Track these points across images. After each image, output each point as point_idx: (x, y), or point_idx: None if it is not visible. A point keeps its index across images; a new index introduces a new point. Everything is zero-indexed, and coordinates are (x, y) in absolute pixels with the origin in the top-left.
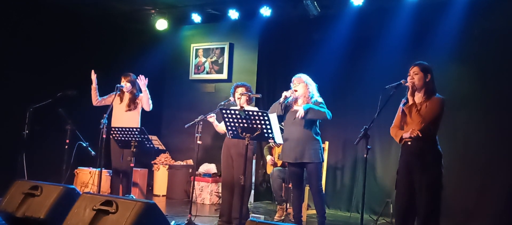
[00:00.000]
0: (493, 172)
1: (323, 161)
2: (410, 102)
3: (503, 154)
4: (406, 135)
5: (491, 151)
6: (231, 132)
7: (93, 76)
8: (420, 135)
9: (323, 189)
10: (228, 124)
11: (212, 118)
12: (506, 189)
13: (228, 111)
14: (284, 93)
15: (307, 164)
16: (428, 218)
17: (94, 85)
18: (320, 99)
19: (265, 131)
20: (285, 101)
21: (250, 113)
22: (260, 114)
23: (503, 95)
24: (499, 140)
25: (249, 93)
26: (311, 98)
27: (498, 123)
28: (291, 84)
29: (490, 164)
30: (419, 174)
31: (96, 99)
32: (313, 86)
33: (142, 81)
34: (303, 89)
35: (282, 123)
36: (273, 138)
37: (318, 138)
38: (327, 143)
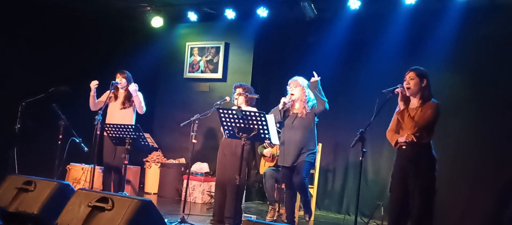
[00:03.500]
0: (482, 176)
1: (314, 161)
2: (401, 108)
3: (492, 159)
4: (401, 140)
5: (481, 156)
6: (227, 131)
7: (93, 85)
8: (415, 140)
9: (307, 184)
10: (224, 123)
11: None
12: (495, 193)
13: (225, 111)
14: (283, 100)
15: (299, 163)
16: (421, 222)
17: (92, 93)
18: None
19: (261, 131)
20: (284, 107)
21: (247, 113)
22: (257, 114)
23: (494, 102)
24: (489, 145)
25: (246, 93)
26: (308, 101)
27: (489, 129)
28: (287, 87)
29: (480, 169)
30: (413, 178)
31: (93, 104)
32: (309, 89)
33: (133, 87)
34: (300, 93)
35: (277, 125)
36: (269, 138)
37: (315, 140)
38: (320, 145)
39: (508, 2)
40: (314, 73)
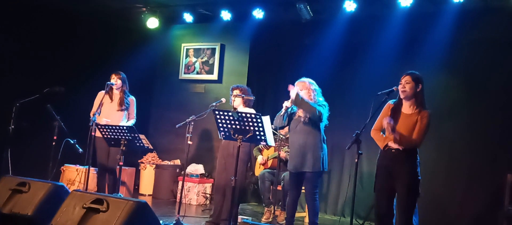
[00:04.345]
0: (477, 176)
1: (323, 170)
2: (397, 138)
3: (486, 160)
4: (393, 145)
5: (475, 157)
6: (223, 133)
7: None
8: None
9: (318, 205)
10: (220, 125)
11: None
12: (488, 194)
13: (220, 113)
14: (285, 104)
15: (305, 173)
16: (407, 223)
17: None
18: (324, 103)
19: (257, 133)
20: (287, 111)
21: (243, 114)
22: (253, 115)
23: (487, 105)
24: (483, 146)
25: (243, 95)
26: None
27: (483, 131)
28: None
29: (474, 169)
30: (399, 181)
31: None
32: (317, 92)
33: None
34: (306, 96)
35: (275, 127)
36: (265, 140)
37: (323, 144)
38: None
39: (502, 5)
40: (289, 86)
